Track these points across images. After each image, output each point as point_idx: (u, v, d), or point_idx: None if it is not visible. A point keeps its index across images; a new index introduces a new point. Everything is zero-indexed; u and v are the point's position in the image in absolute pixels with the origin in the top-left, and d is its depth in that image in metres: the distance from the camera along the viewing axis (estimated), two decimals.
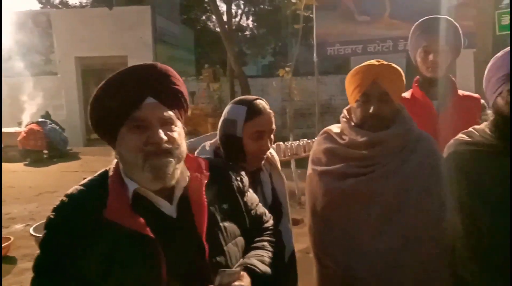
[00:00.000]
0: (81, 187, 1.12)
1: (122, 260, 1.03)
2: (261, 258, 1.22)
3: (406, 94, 2.44)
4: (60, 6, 21.95)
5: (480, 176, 1.40)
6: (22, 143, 10.29)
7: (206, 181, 1.19)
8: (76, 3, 23.54)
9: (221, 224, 1.18)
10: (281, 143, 4.83)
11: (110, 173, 1.15)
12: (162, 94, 1.11)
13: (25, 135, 10.28)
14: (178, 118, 1.16)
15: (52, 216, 1.08)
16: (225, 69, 12.15)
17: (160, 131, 1.07)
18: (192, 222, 1.12)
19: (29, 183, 8.07)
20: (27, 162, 10.20)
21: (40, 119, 11.12)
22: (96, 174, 1.18)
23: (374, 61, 1.57)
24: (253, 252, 1.25)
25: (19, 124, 11.43)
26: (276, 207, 1.66)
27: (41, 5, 21.90)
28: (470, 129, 1.56)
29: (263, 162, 1.65)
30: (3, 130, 11.34)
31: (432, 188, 1.49)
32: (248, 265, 1.17)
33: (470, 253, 1.42)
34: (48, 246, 1.07)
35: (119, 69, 1.11)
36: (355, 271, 1.46)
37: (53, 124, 11.20)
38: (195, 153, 1.68)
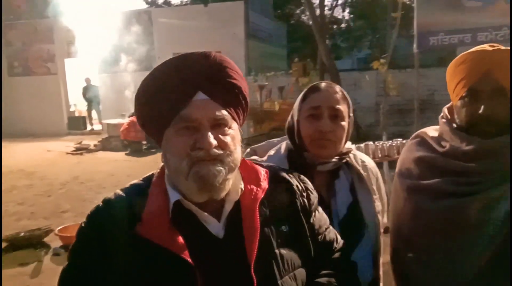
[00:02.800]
0: (121, 193, 0.98)
1: (153, 284, 0.88)
2: None
3: None
4: (163, 5, 23.36)
5: None
6: (123, 134, 11.06)
7: (262, 196, 0.97)
8: (177, 2, 24.90)
9: (276, 250, 0.95)
10: (370, 142, 4.40)
11: (154, 179, 0.99)
12: (215, 89, 0.92)
13: (126, 126, 11.02)
14: (234, 119, 0.95)
15: (83, 224, 0.96)
16: (316, 64, 11.79)
17: (210, 134, 0.88)
18: (242, 246, 0.91)
19: (127, 172, 8.61)
20: (127, 152, 10.93)
21: None
22: (142, 178, 1.03)
23: (486, 46, 1.20)
24: None
25: (122, 116, 12.32)
26: (355, 227, 1.35)
27: (147, 5, 23.51)
28: None
29: (335, 156, 1.37)
30: (108, 121, 12.38)
31: None
32: None
33: None
34: (76, 259, 0.95)
35: None
36: None
37: None
38: (267, 156, 1.47)
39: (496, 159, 1.16)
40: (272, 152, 1.49)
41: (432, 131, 1.37)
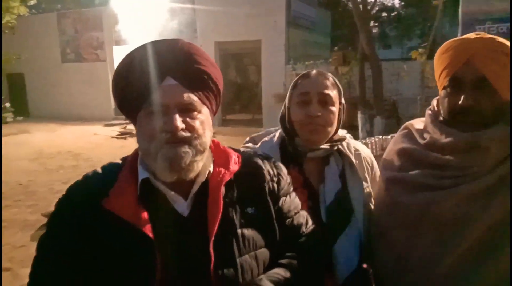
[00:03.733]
0: (98, 170, 1.05)
1: (117, 257, 0.93)
2: (276, 278, 0.98)
3: None
4: None
5: None
6: None
7: (228, 178, 1.01)
8: None
9: (238, 230, 0.98)
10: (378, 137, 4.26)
11: (128, 158, 1.05)
12: (183, 74, 0.96)
13: None
14: (204, 104, 0.99)
15: (62, 196, 1.03)
16: (357, 52, 11.49)
17: (177, 117, 0.93)
18: (205, 225, 0.95)
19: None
20: None
21: None
22: (121, 158, 1.09)
23: (471, 34, 1.14)
24: (273, 270, 1.01)
25: None
26: (342, 213, 1.34)
27: None
28: None
29: (326, 142, 1.38)
30: None
31: None
32: None
33: None
34: (51, 226, 1.02)
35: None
36: None
37: None
38: (260, 143, 1.49)
39: (478, 153, 1.10)
40: (266, 139, 1.51)
41: (419, 123, 1.32)
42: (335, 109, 1.36)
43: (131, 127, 12.35)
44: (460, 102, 1.11)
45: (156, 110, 0.94)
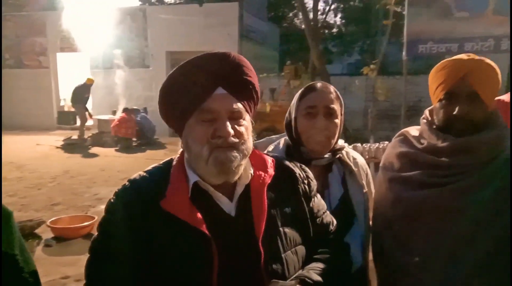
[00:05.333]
0: (144, 174, 1.11)
1: (175, 254, 1.00)
2: (319, 272, 1.10)
3: (506, 97, 2.13)
4: (157, 3, 23.35)
5: None
6: (114, 130, 11.08)
7: (269, 181, 1.11)
8: (172, 0, 24.87)
9: (281, 229, 1.09)
10: (358, 144, 4.57)
11: (174, 162, 1.12)
12: (233, 84, 1.05)
13: (117, 123, 11.05)
14: (247, 111, 1.09)
15: (112, 200, 1.08)
16: (308, 67, 11.97)
17: (228, 124, 1.02)
18: (251, 224, 1.05)
19: (118, 168, 8.67)
20: (117, 148, 10.97)
21: (134, 107, 11.85)
22: (161, 162, 1.16)
23: (463, 55, 1.36)
24: (313, 264, 1.13)
25: (114, 112, 12.32)
26: (346, 216, 1.48)
27: (140, 2, 23.45)
28: None
29: (328, 152, 1.50)
30: (99, 117, 12.33)
31: None
32: (306, 278, 1.06)
33: None
34: (105, 229, 1.07)
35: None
36: None
37: (144, 113, 11.89)
38: (268, 150, 1.61)
39: (469, 155, 1.31)
40: (271, 147, 1.62)
41: (413, 130, 1.52)
42: (338, 121, 1.49)
43: (75, 137, 11.88)
44: (455, 112, 1.32)
45: (209, 117, 1.03)
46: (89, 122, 12.27)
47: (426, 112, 1.50)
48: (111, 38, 13.49)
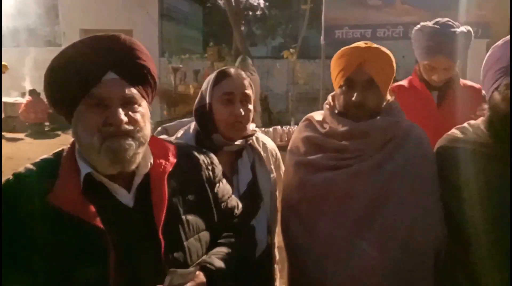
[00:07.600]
0: (31, 167, 1.02)
1: (68, 251, 0.94)
2: (222, 256, 1.11)
3: (404, 82, 2.29)
4: None
5: (467, 178, 1.26)
6: (23, 115, 10.22)
7: (170, 169, 1.08)
8: None
9: (183, 216, 1.07)
10: (278, 127, 4.69)
11: (64, 154, 1.04)
12: (124, 69, 1.00)
13: (25, 108, 10.19)
14: (143, 97, 1.04)
15: None
16: (231, 49, 11.91)
17: (120, 111, 0.96)
18: (150, 214, 1.01)
19: (28, 155, 8.02)
20: (27, 134, 10.15)
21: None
22: (52, 153, 1.08)
23: (361, 43, 1.42)
24: (217, 249, 1.13)
25: (23, 94, 11.35)
26: (253, 200, 1.51)
27: None
28: (465, 124, 1.41)
29: (242, 139, 1.50)
30: (5, 100, 11.28)
31: (418, 189, 1.34)
32: (206, 264, 1.06)
33: (454, 262, 1.29)
34: None
35: None
36: (326, 275, 1.34)
37: None
38: (177, 135, 1.57)
39: (366, 139, 1.39)
40: (180, 132, 1.59)
41: (318, 115, 1.57)
42: (251, 106, 1.51)
43: None
44: (353, 98, 1.38)
45: (98, 104, 0.97)
46: None
47: (329, 97, 1.56)
48: (16, 14, 12.27)
